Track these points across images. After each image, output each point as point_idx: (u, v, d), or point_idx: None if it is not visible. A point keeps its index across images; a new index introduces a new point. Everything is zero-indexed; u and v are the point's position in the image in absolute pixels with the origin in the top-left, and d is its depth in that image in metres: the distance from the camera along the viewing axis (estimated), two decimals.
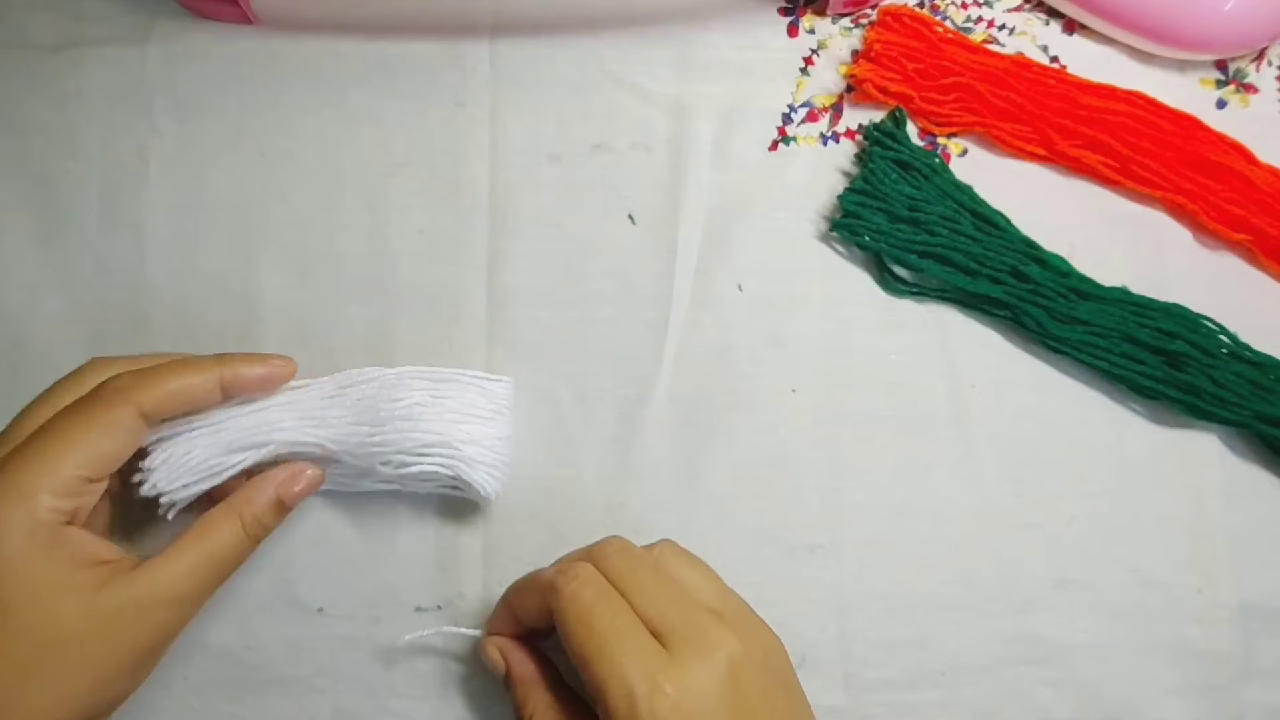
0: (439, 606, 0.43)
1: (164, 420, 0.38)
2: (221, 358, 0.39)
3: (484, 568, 0.43)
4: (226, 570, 0.38)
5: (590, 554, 0.37)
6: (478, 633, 0.40)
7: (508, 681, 0.39)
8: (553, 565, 0.38)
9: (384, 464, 0.40)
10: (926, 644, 0.43)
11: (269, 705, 0.42)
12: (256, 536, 0.39)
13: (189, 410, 0.39)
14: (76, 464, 0.35)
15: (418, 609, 0.43)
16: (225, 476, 0.39)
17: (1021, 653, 0.43)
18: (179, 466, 0.39)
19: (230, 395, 0.39)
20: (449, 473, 0.40)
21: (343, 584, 0.43)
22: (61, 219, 0.46)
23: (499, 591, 0.43)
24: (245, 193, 0.46)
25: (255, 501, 0.39)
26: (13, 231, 0.46)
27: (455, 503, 0.43)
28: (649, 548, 0.38)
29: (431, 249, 0.46)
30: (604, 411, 0.44)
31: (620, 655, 0.33)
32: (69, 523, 0.35)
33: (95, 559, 0.35)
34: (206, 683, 0.43)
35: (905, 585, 0.43)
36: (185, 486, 0.39)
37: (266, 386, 0.40)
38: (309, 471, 0.40)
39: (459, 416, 0.40)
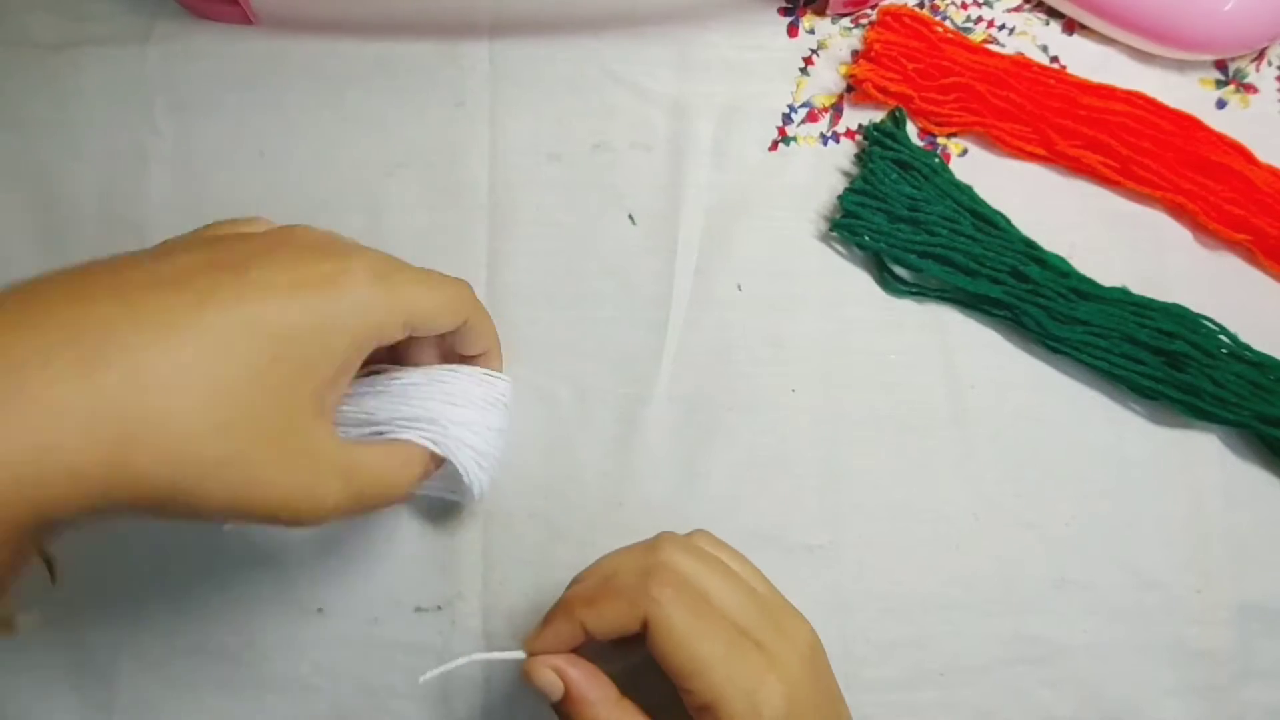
0: (439, 607, 0.43)
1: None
2: None
3: (484, 568, 0.43)
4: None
5: (648, 552, 0.35)
6: (520, 655, 0.36)
7: (565, 704, 0.36)
8: (614, 564, 0.36)
9: (375, 433, 0.38)
10: (926, 644, 0.43)
11: (268, 705, 0.42)
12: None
13: None
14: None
15: (417, 609, 0.43)
16: None
17: (1021, 653, 0.43)
18: None
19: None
20: (436, 450, 0.38)
21: (342, 584, 0.43)
22: (61, 219, 0.46)
23: (498, 592, 0.43)
24: (245, 192, 0.46)
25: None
26: (13, 231, 0.46)
27: (454, 503, 0.43)
28: (690, 538, 0.37)
29: (431, 248, 0.46)
30: (604, 411, 0.44)
31: (732, 664, 0.33)
32: None
33: None
34: (206, 682, 0.43)
35: (905, 585, 0.43)
36: None
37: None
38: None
39: (453, 399, 0.40)
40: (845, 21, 0.48)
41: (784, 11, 0.48)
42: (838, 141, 0.47)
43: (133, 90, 0.47)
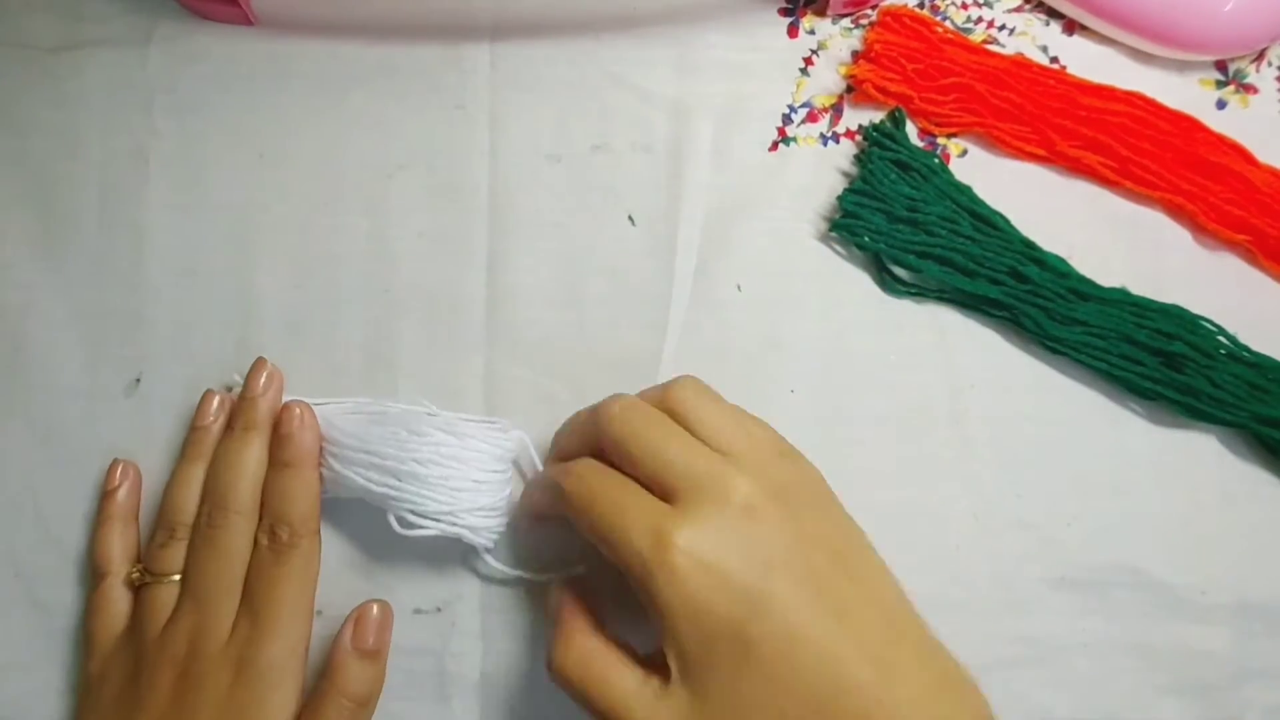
0: (438, 609, 0.43)
1: None
2: None
3: (482, 569, 0.43)
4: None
5: (596, 416, 0.37)
6: (516, 573, 0.42)
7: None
8: (555, 450, 0.41)
9: (397, 518, 0.40)
10: None
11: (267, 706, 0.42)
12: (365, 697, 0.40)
13: None
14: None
15: (416, 610, 0.43)
16: None
17: (1021, 653, 0.43)
18: None
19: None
20: (451, 533, 0.40)
21: (341, 585, 0.43)
22: (61, 219, 0.46)
23: (498, 593, 0.43)
24: (245, 194, 0.46)
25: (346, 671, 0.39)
26: (13, 231, 0.46)
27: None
28: (664, 389, 0.37)
29: (431, 250, 0.46)
30: None
31: (624, 523, 0.33)
32: None
33: None
34: None
35: (905, 585, 0.43)
36: None
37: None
38: (374, 611, 0.41)
39: (467, 483, 0.40)
40: (845, 22, 0.48)
41: (784, 12, 0.48)
42: (837, 142, 0.47)
43: (133, 91, 0.47)
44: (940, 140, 0.47)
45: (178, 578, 0.40)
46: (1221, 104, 0.47)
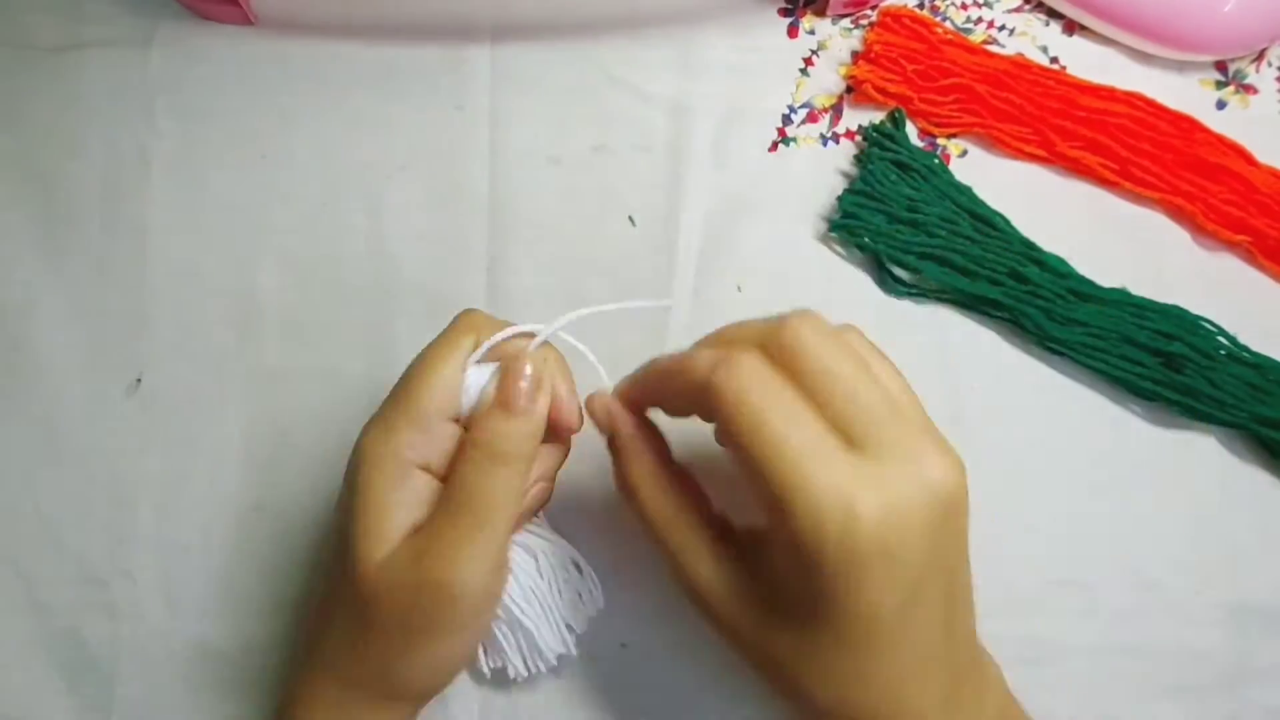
0: None
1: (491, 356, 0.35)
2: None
3: None
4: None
5: (774, 328, 0.30)
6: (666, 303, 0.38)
7: (614, 455, 0.35)
8: (706, 345, 0.33)
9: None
10: None
11: (267, 706, 0.42)
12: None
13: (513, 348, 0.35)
14: (429, 395, 0.34)
15: None
16: None
17: (1021, 653, 0.43)
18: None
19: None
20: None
21: None
22: (62, 219, 0.46)
23: None
24: (246, 194, 0.46)
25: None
26: (13, 231, 0.46)
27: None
28: (839, 329, 0.31)
29: (432, 251, 0.46)
30: None
31: (807, 467, 0.27)
32: (425, 468, 0.34)
33: (429, 500, 0.34)
34: (206, 683, 0.43)
35: None
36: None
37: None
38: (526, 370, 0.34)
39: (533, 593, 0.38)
40: (845, 22, 0.48)
41: (784, 12, 0.48)
42: (837, 142, 0.47)
43: (134, 92, 0.47)
44: (940, 141, 0.47)
45: None
46: (1221, 104, 0.47)
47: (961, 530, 0.30)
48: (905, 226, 0.45)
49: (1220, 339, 0.44)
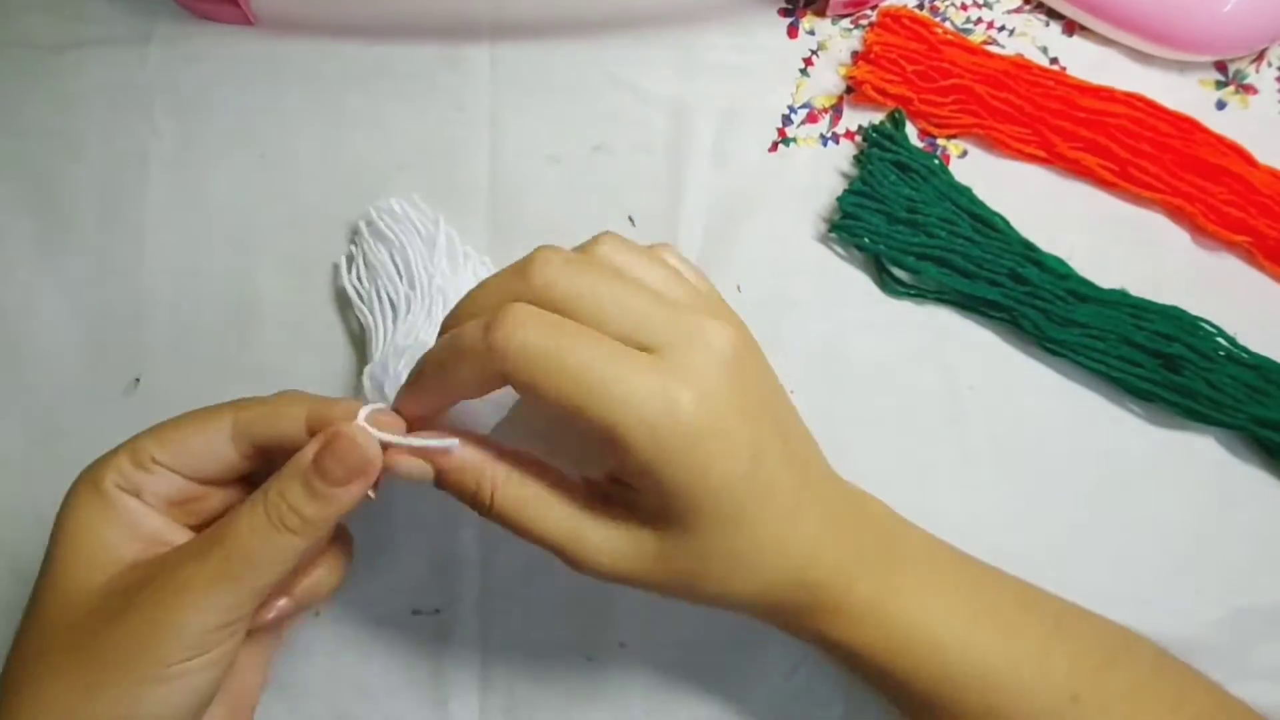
0: (437, 610, 0.43)
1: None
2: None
3: (481, 570, 0.43)
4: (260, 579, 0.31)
5: (520, 277, 0.30)
6: (449, 444, 0.32)
7: (443, 476, 0.33)
8: (458, 321, 0.31)
9: None
10: None
11: (266, 707, 0.42)
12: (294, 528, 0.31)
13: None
14: (158, 443, 0.33)
15: (414, 611, 0.43)
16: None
17: None
18: None
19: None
20: None
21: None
22: (61, 219, 0.46)
23: (497, 593, 0.43)
24: (245, 194, 0.46)
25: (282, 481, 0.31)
26: (13, 231, 0.46)
27: (453, 505, 0.43)
28: (585, 249, 0.32)
29: None
30: None
31: (616, 384, 0.28)
32: (136, 496, 0.32)
33: (154, 536, 0.32)
34: None
35: None
36: None
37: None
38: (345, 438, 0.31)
39: None
40: (845, 23, 0.48)
41: (784, 13, 0.48)
42: (837, 143, 0.47)
43: (133, 92, 0.47)
44: (940, 141, 0.47)
45: None
46: (1221, 105, 0.47)
47: (760, 369, 0.32)
48: (905, 227, 0.45)
49: (1219, 340, 0.44)
